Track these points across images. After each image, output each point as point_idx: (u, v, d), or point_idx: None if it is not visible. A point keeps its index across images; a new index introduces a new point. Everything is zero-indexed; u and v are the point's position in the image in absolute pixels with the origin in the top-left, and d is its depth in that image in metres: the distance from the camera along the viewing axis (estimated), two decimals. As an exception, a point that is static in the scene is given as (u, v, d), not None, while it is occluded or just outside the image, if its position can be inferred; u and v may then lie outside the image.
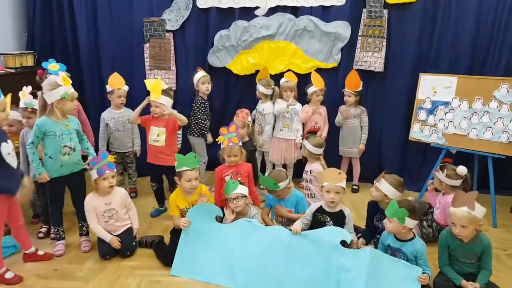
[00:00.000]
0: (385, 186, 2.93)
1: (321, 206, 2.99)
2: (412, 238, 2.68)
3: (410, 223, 2.61)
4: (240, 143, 3.39)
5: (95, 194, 3.10)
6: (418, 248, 2.64)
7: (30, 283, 2.78)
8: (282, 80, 4.28)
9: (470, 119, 3.79)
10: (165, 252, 3.04)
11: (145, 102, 3.57)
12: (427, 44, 4.25)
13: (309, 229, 2.92)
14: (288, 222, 3.21)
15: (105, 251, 3.04)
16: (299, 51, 4.42)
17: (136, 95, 4.37)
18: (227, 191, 3.04)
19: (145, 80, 3.73)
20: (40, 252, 3.06)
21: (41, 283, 2.78)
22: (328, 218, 2.94)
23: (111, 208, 3.11)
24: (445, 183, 3.27)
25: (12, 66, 4.26)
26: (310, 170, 3.52)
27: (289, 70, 4.40)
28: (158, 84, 3.50)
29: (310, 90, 4.28)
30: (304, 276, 2.66)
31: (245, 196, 3.06)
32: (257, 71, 4.41)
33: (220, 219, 3.05)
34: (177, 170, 3.06)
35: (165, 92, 3.51)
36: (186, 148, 4.18)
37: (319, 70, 4.37)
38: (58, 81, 2.86)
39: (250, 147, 3.81)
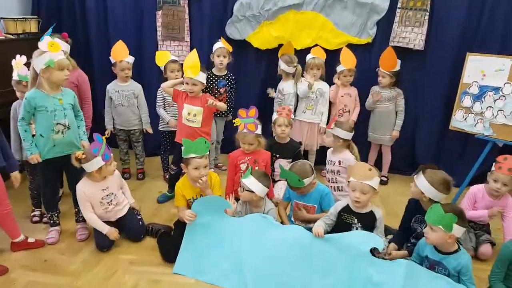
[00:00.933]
0: (422, 183, 2.48)
1: (348, 205, 2.57)
2: (457, 250, 2.25)
3: (458, 231, 2.16)
4: (258, 131, 2.98)
5: (88, 180, 2.73)
6: (464, 263, 2.21)
7: (15, 276, 2.48)
8: (309, 57, 3.81)
9: (524, 108, 3.27)
10: (168, 246, 2.70)
11: (179, 80, 3.27)
12: (476, 19, 3.69)
13: (332, 231, 2.53)
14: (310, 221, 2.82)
15: (103, 244, 2.74)
16: (329, 23, 3.92)
17: (147, 67, 3.99)
18: (243, 177, 2.71)
19: (157, 52, 3.36)
20: (30, 239, 2.76)
21: (27, 277, 2.48)
22: (356, 219, 2.53)
23: (110, 193, 2.80)
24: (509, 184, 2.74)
25: (13, 31, 3.91)
26: (339, 161, 3.11)
27: (316, 45, 3.92)
28: (194, 58, 3.11)
29: (338, 69, 3.84)
30: (322, 286, 2.29)
31: (253, 192, 2.66)
32: (280, 45, 3.94)
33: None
34: (184, 157, 2.68)
35: (202, 67, 3.15)
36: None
37: (350, 46, 3.87)
38: (43, 47, 2.47)
39: (297, 146, 3.40)
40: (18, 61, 2.84)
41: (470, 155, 3.87)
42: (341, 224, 2.56)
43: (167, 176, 3.80)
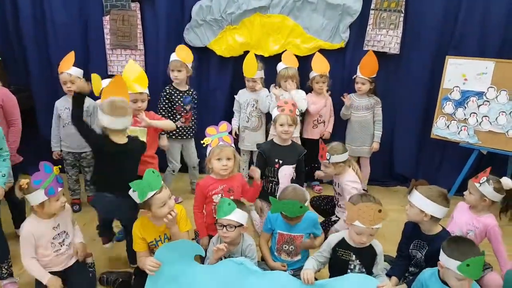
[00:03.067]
0: (420, 200, 2.18)
1: (343, 239, 2.21)
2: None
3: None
4: (233, 145, 2.52)
5: (36, 217, 2.23)
6: None
7: None
8: (280, 66, 3.48)
9: (510, 113, 3.09)
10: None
11: None
12: (453, 19, 3.49)
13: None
14: (295, 247, 2.44)
15: None
16: (299, 27, 3.60)
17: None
18: (219, 212, 2.21)
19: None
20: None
21: None
22: (354, 256, 2.17)
23: (62, 231, 2.29)
24: (490, 198, 2.48)
25: None
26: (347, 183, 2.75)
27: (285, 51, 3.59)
28: (137, 68, 2.74)
29: (310, 75, 3.54)
30: None
31: (241, 225, 2.25)
32: (247, 52, 3.56)
33: (201, 260, 2.25)
34: (141, 202, 2.14)
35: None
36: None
37: (322, 52, 3.57)
38: None
39: (302, 150, 2.95)
40: None
41: (450, 164, 3.69)
42: (337, 261, 2.20)
43: None
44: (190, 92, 3.39)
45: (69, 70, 3.05)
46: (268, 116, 3.50)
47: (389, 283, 2.02)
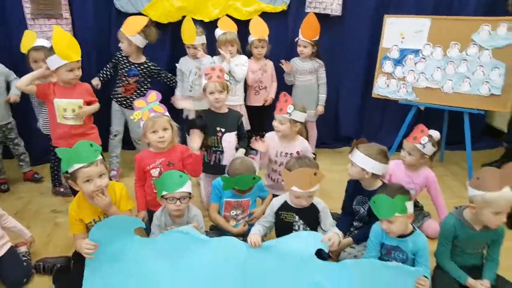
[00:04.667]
0: (361, 159, 2.23)
1: (285, 202, 2.22)
2: (412, 232, 2.04)
3: (410, 206, 1.96)
4: (167, 113, 2.37)
5: None
6: (420, 244, 2.01)
7: None
8: (218, 32, 3.34)
9: (444, 69, 3.20)
10: (66, 285, 2.07)
11: (40, 71, 2.56)
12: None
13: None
14: (244, 214, 2.43)
15: None
16: (238, -10, 3.45)
17: (19, 54, 3.16)
18: (168, 187, 2.09)
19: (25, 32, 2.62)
20: None
21: None
22: (297, 217, 2.19)
23: None
24: (428, 154, 2.54)
25: None
26: (298, 151, 2.68)
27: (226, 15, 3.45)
28: (66, 35, 2.49)
29: (249, 40, 3.43)
30: None
31: (191, 194, 2.17)
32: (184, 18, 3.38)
33: (144, 233, 2.17)
34: (69, 171, 1.99)
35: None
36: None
37: (264, 15, 3.46)
38: None
39: (239, 116, 2.82)
40: None
41: (392, 122, 3.80)
42: (281, 224, 2.21)
43: (61, 190, 3.09)
44: (142, 67, 3.22)
45: None
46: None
47: (333, 234, 2.04)
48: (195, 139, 2.48)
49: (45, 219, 2.79)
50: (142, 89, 3.25)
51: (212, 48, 3.41)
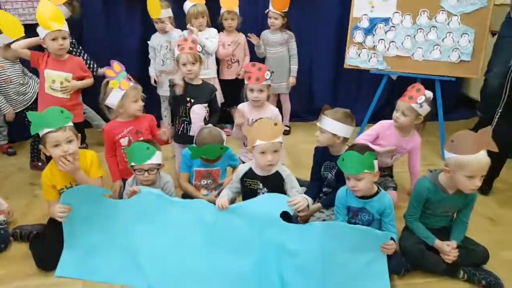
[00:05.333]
0: (329, 124, 2.24)
1: (250, 169, 2.21)
2: (377, 192, 2.06)
3: (377, 164, 1.98)
4: (136, 85, 2.41)
5: None
6: (386, 203, 2.03)
7: None
8: (188, 4, 3.30)
9: (414, 37, 3.21)
10: (43, 250, 2.10)
11: (36, 39, 2.64)
12: None
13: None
14: (215, 184, 2.44)
15: None
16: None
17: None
18: (136, 158, 2.12)
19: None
20: None
21: None
22: (261, 184, 2.19)
23: None
24: (422, 115, 2.50)
25: None
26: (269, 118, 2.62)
27: None
28: (51, 6, 2.53)
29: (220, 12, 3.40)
30: (234, 267, 1.95)
31: (160, 165, 2.20)
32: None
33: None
34: (34, 133, 2.07)
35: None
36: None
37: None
38: None
39: (213, 89, 2.80)
40: None
41: (367, 94, 3.80)
42: (246, 191, 2.22)
43: (39, 164, 3.10)
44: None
45: None
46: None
47: (300, 198, 2.05)
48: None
49: (23, 191, 2.85)
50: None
51: (182, 22, 3.36)
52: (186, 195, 2.49)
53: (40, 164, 3.08)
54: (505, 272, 2.02)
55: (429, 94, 2.52)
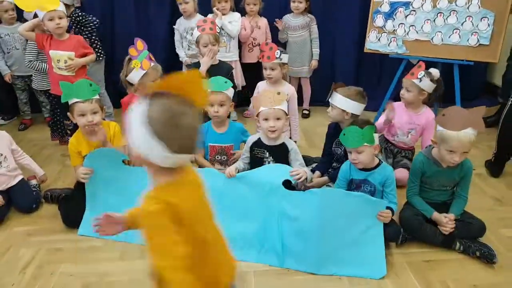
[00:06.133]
0: (340, 100, 2.35)
1: (259, 138, 2.37)
2: (379, 164, 2.15)
3: (376, 138, 2.08)
4: (154, 64, 2.55)
5: None
6: (388, 174, 2.12)
7: None
8: None
9: (434, 21, 3.22)
10: (69, 210, 2.35)
11: (38, 19, 2.82)
12: None
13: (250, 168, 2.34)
14: (229, 160, 2.59)
15: None
16: None
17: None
18: None
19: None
20: None
21: None
22: (267, 153, 2.34)
23: None
24: (427, 91, 2.59)
25: None
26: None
27: None
28: None
29: None
30: (239, 231, 2.10)
31: None
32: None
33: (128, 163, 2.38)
34: (64, 101, 2.29)
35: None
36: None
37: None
38: None
39: (230, 67, 2.97)
40: None
41: (388, 77, 3.84)
42: (253, 160, 2.37)
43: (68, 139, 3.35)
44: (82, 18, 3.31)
45: None
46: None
47: (299, 170, 2.17)
48: None
49: (56, 161, 3.12)
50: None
51: (207, 7, 3.53)
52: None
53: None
54: (503, 247, 2.09)
55: (434, 71, 2.59)
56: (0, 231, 2.32)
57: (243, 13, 3.60)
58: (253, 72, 3.67)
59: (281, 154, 2.31)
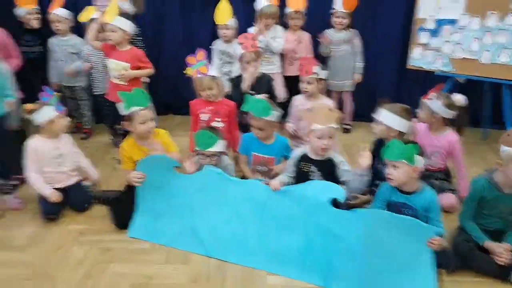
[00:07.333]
0: (386, 116, 2.35)
1: (305, 154, 2.36)
2: (420, 189, 2.10)
3: (420, 162, 2.03)
4: (211, 73, 2.71)
5: (40, 137, 2.55)
6: (430, 199, 2.06)
7: None
8: (261, 3, 3.45)
9: (482, 39, 3.18)
10: (119, 212, 2.50)
11: (97, 25, 3.08)
12: None
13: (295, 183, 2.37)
14: (269, 169, 2.64)
15: (49, 210, 2.54)
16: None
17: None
18: (201, 144, 2.40)
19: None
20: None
21: None
22: (314, 167, 2.33)
23: (60, 153, 2.61)
24: (440, 114, 2.56)
25: None
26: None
27: None
28: (113, 3, 2.97)
29: (285, 11, 3.57)
30: (279, 244, 2.15)
31: (223, 153, 2.48)
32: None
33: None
34: (126, 113, 2.43)
35: (126, 14, 3.00)
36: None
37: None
38: None
39: (270, 79, 3.04)
40: None
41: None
42: (299, 174, 2.38)
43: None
44: None
45: (55, 10, 3.35)
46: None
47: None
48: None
49: (106, 164, 3.29)
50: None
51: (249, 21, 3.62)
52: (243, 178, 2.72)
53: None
54: None
55: (457, 97, 2.56)
56: (55, 227, 2.49)
57: (285, 26, 3.64)
58: (295, 85, 3.70)
59: (328, 168, 2.31)
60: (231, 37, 3.47)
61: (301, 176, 2.36)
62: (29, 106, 2.48)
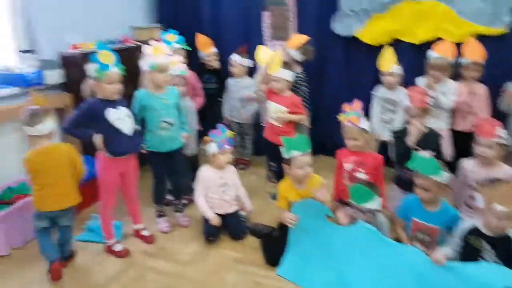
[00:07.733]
0: None
1: (475, 227, 2.12)
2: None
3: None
4: (364, 126, 2.69)
5: (210, 167, 2.94)
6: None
7: (134, 260, 2.74)
8: (433, 54, 3.28)
9: None
10: (270, 248, 2.67)
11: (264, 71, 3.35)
12: None
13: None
14: (431, 239, 2.38)
15: (209, 231, 2.87)
16: (452, 12, 3.43)
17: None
18: (356, 198, 2.37)
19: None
20: (145, 232, 2.96)
21: (146, 261, 2.72)
22: (487, 245, 2.08)
23: (224, 182, 2.94)
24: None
25: (141, 39, 4.12)
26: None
27: (440, 38, 3.42)
28: (274, 54, 3.24)
29: (462, 62, 3.29)
30: None
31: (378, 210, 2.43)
32: (397, 40, 3.65)
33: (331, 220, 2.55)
34: (286, 156, 2.61)
35: (286, 64, 3.19)
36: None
37: (480, 38, 3.31)
38: (148, 51, 2.70)
39: (438, 134, 2.88)
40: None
41: None
42: (467, 249, 2.14)
43: (273, 180, 3.65)
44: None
45: (233, 56, 3.89)
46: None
47: None
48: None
49: (261, 196, 3.47)
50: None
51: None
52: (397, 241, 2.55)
53: (273, 180, 3.61)
54: None
55: None
56: (214, 250, 2.79)
57: (458, 76, 3.37)
58: (464, 142, 3.13)
59: (504, 247, 2.05)
60: (395, 84, 3.43)
61: (469, 252, 2.13)
62: (206, 138, 2.88)
